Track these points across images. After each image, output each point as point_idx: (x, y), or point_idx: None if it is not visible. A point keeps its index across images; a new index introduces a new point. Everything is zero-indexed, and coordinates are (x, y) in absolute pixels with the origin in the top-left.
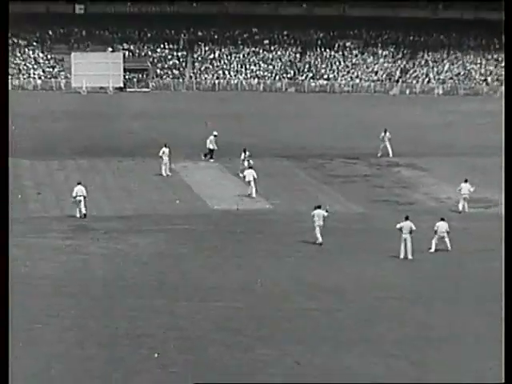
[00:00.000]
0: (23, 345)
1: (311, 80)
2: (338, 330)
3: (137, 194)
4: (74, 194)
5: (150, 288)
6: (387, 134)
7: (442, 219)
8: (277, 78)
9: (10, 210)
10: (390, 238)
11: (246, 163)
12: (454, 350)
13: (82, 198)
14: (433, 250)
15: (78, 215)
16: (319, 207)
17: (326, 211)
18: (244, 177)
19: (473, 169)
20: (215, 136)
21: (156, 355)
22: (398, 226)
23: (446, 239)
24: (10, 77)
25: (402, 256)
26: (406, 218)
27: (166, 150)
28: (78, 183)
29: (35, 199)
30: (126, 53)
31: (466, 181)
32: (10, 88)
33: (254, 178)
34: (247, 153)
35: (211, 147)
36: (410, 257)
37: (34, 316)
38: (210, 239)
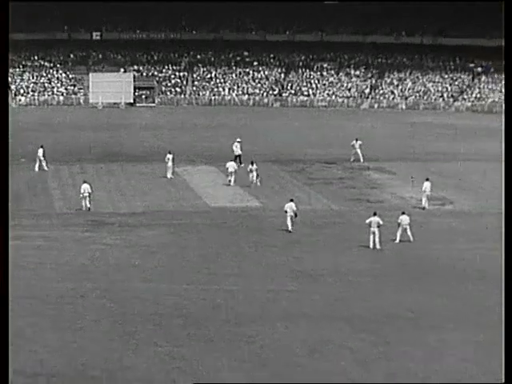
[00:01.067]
0: (48, 322)
1: (294, 96)
2: (317, 308)
3: (146, 194)
4: (81, 191)
5: (158, 273)
6: (358, 142)
7: (403, 213)
8: (264, 94)
9: (37, 207)
10: (361, 231)
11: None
12: (418, 326)
13: (87, 194)
14: (397, 240)
15: (83, 208)
16: (292, 200)
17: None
18: (227, 168)
19: (432, 172)
20: (239, 142)
21: (162, 331)
22: (368, 220)
23: (409, 231)
24: (37, 94)
25: (371, 246)
26: (374, 214)
27: (170, 155)
28: (84, 181)
29: (59, 198)
30: (136, 73)
31: (427, 179)
32: (37, 103)
33: (235, 170)
34: (254, 165)
35: (237, 153)
36: (378, 247)
37: (58, 297)
38: (209, 232)
